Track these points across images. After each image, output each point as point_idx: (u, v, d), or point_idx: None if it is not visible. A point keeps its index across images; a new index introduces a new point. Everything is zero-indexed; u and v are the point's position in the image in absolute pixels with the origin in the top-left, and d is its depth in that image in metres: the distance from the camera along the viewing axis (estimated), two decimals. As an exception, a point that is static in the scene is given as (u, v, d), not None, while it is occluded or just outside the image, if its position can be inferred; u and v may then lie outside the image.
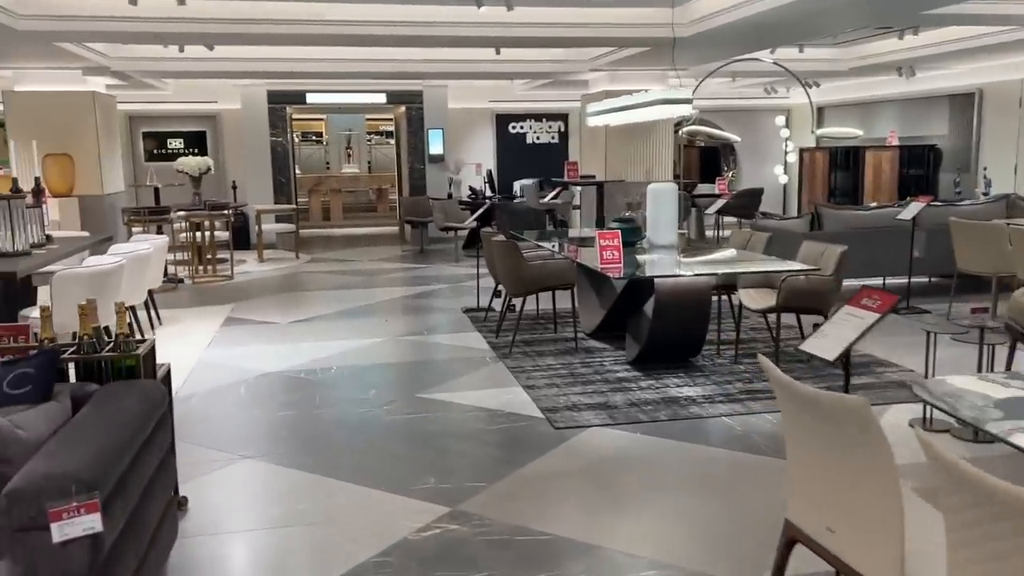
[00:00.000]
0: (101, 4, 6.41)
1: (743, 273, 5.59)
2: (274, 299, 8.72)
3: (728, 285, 5.89)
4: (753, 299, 5.35)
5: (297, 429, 4.58)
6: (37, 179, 6.62)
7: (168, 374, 3.33)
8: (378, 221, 17.08)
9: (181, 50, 8.57)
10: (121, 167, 10.45)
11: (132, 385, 2.73)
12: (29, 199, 6.43)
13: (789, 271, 5.09)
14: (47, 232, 6.60)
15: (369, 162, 19.26)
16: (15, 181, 6.69)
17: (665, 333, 5.33)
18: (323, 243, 13.88)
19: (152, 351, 3.11)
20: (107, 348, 2.90)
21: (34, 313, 5.24)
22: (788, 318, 5.58)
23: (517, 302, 6.53)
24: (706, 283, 5.37)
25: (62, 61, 8.43)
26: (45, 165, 8.98)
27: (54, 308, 5.12)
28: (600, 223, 9.54)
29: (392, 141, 18.82)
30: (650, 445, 4.21)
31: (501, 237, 6.36)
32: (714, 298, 5.68)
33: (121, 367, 2.88)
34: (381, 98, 13.27)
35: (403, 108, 13.59)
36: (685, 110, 6.01)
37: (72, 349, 2.88)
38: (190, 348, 6.38)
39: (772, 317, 5.55)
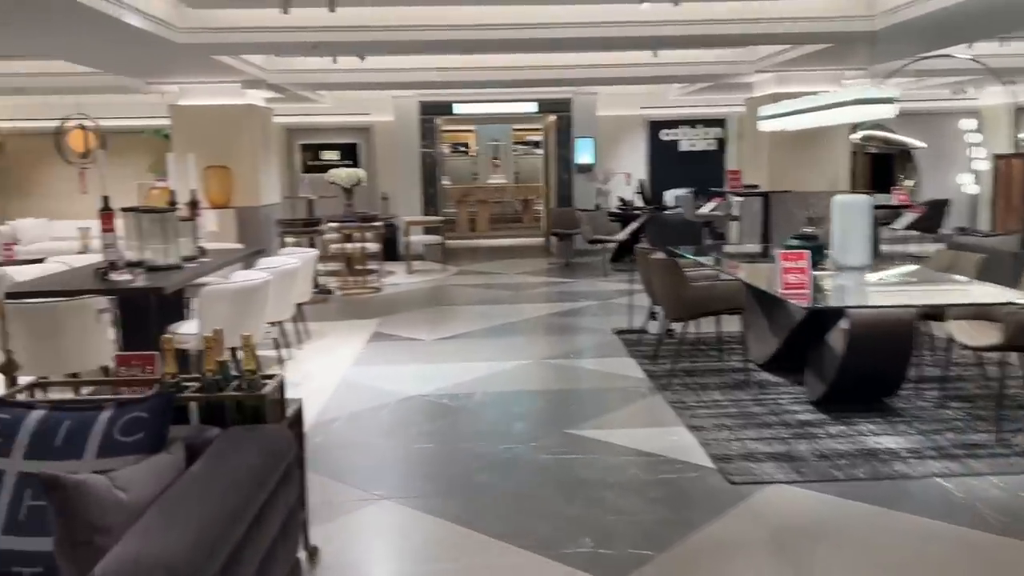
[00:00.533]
0: (255, 16, 6.37)
1: (962, 305, 4.72)
2: (420, 314, 8.50)
3: (932, 314, 5.04)
4: (969, 334, 4.49)
5: (437, 465, 4.19)
6: (193, 191, 6.66)
7: (299, 413, 3.00)
8: (524, 232, 16.80)
9: (334, 61, 8.53)
10: (277, 179, 10.63)
11: (255, 433, 2.39)
12: (184, 211, 6.49)
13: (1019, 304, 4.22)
14: (201, 244, 6.62)
15: (516, 173, 19.05)
16: (172, 193, 6.76)
17: (858, 370, 4.57)
18: (469, 254, 13.70)
19: (281, 387, 2.78)
20: (231, 387, 2.59)
21: (182, 328, 5.17)
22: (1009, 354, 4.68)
23: (677, 326, 5.92)
24: (909, 314, 4.56)
25: (222, 75, 8.59)
26: (205, 177, 9.20)
27: (202, 323, 5.04)
28: (765, 237, 8.73)
29: (539, 151, 18.54)
30: (850, 512, 3.50)
31: (660, 254, 5.78)
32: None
33: (246, 407, 2.56)
34: (531, 107, 12.94)
35: (552, 117, 13.21)
36: (886, 111, 5.20)
37: (194, 387, 2.59)
38: (335, 365, 6.19)
39: (990, 353, 4.67)
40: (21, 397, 2.67)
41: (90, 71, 8.75)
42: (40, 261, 10.85)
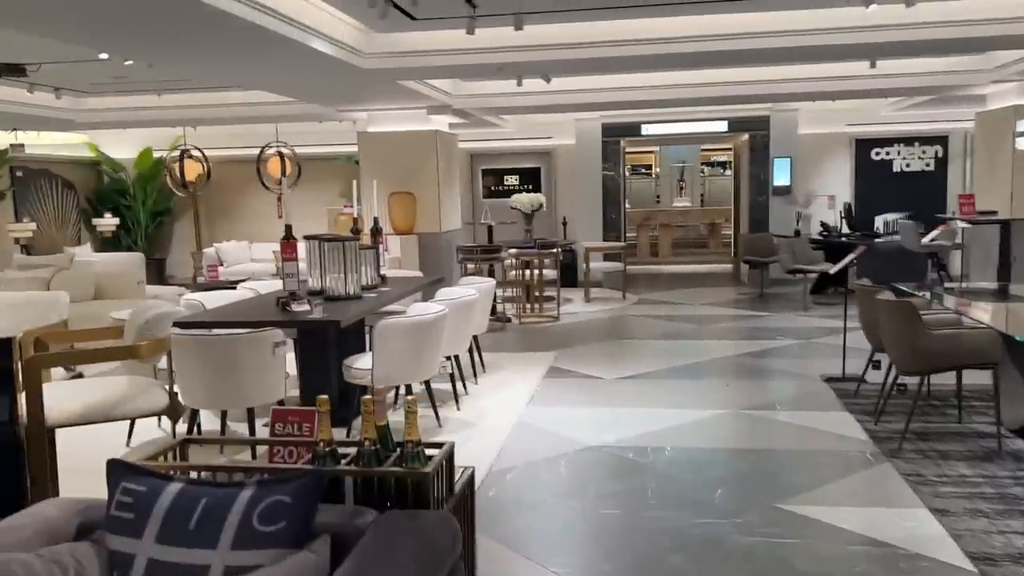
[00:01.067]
0: (440, 38, 6.18)
1: None
2: (599, 347, 7.99)
3: None
4: None
5: (623, 538, 3.65)
6: (376, 219, 6.58)
7: (471, 484, 2.58)
8: (710, 259, 15.89)
9: (519, 84, 8.27)
10: (459, 205, 10.54)
11: (415, 524, 1.98)
12: (366, 239, 6.40)
13: None
14: (382, 273, 6.50)
15: (702, 195, 18.16)
16: (355, 221, 6.68)
17: None
18: (650, 281, 13.05)
19: (449, 457, 2.37)
20: (391, 460, 2.20)
21: (357, 363, 4.97)
22: None
23: (910, 379, 5.03)
24: None
25: (408, 101, 8.57)
26: (390, 203, 9.23)
27: (376, 359, 4.82)
28: (1004, 272, 7.50)
29: (728, 172, 17.57)
30: None
31: (889, 294, 4.93)
32: None
33: (407, 485, 2.16)
34: (722, 126, 12.15)
35: (745, 136, 12.33)
36: None
37: (349, 458, 2.23)
38: (511, 403, 5.81)
39: None
40: (168, 458, 2.42)
41: (286, 100, 9.04)
42: (239, 283, 11.39)
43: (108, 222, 12.39)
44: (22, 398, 2.75)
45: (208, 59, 6.01)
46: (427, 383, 5.17)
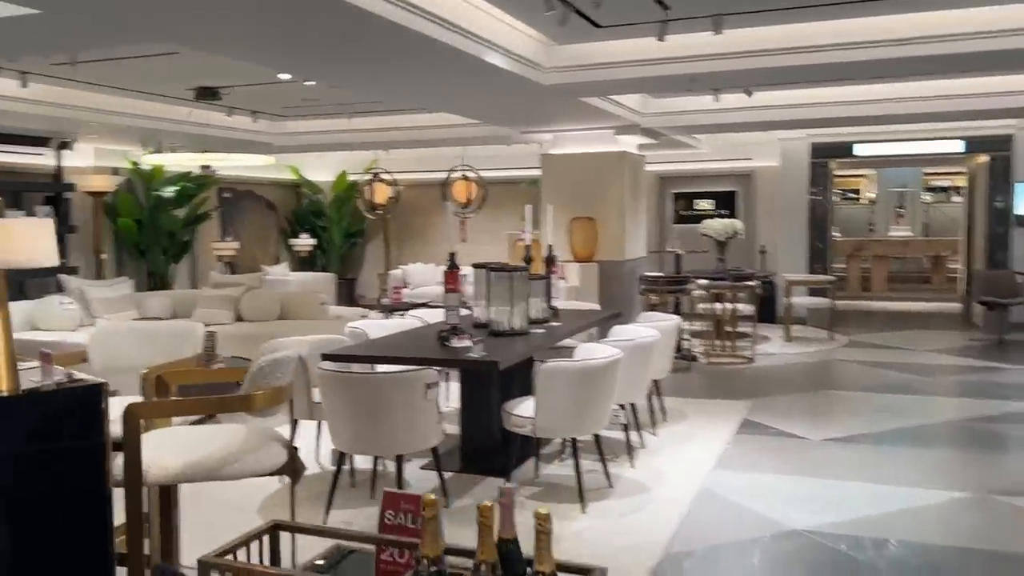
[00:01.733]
0: (627, 47, 5.58)
1: None
2: (801, 398, 6.97)
3: None
4: None
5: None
6: (550, 247, 6.06)
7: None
8: (933, 296, 14.05)
9: (715, 99, 7.49)
10: (644, 231, 9.84)
11: None
12: (538, 267, 5.89)
13: None
14: (554, 305, 5.96)
15: (924, 224, 16.21)
16: (527, 249, 6.19)
17: None
18: (861, 320, 11.62)
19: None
20: (514, 594, 1.60)
21: (518, 409, 4.42)
22: None
23: None
24: None
25: (594, 120, 8.03)
26: (571, 228, 8.72)
27: (538, 407, 4.25)
28: None
29: (955, 198, 15.55)
30: None
31: None
32: None
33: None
34: (957, 146, 10.60)
35: (984, 158, 10.68)
36: None
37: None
38: (694, 464, 5.03)
39: None
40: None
41: (472, 122, 8.81)
42: (421, 305, 11.32)
43: (304, 242, 12.83)
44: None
45: (383, 75, 5.78)
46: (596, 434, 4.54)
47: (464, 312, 5.08)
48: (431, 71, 5.46)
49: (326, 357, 4.36)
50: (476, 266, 5.26)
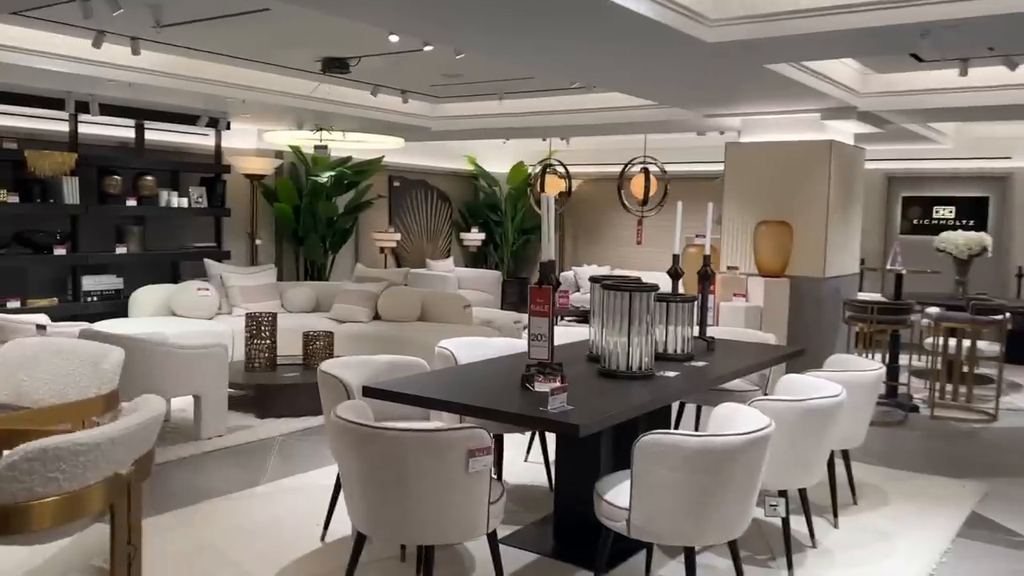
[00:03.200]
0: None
1: None
2: (1067, 486, 4.99)
3: None
4: None
5: None
6: (706, 258, 4.64)
7: None
8: None
9: (962, 73, 5.58)
10: (857, 242, 7.95)
11: None
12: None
13: None
14: (709, 335, 4.54)
15: None
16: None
17: None
18: None
19: None
20: None
21: (612, 492, 3.09)
22: None
23: None
24: None
25: (795, 100, 6.41)
26: (757, 235, 7.11)
27: (634, 498, 2.86)
28: None
29: None
30: None
31: None
32: None
33: None
34: None
35: None
36: None
37: None
38: (887, 585, 3.45)
39: None
40: None
41: (645, 104, 7.47)
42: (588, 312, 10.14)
43: (475, 236, 12.05)
44: None
45: (524, 34, 4.61)
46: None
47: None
48: (566, 28, 4.24)
49: (367, 392, 3.32)
50: (594, 280, 3.99)
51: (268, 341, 6.43)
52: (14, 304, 7.21)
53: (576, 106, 8.21)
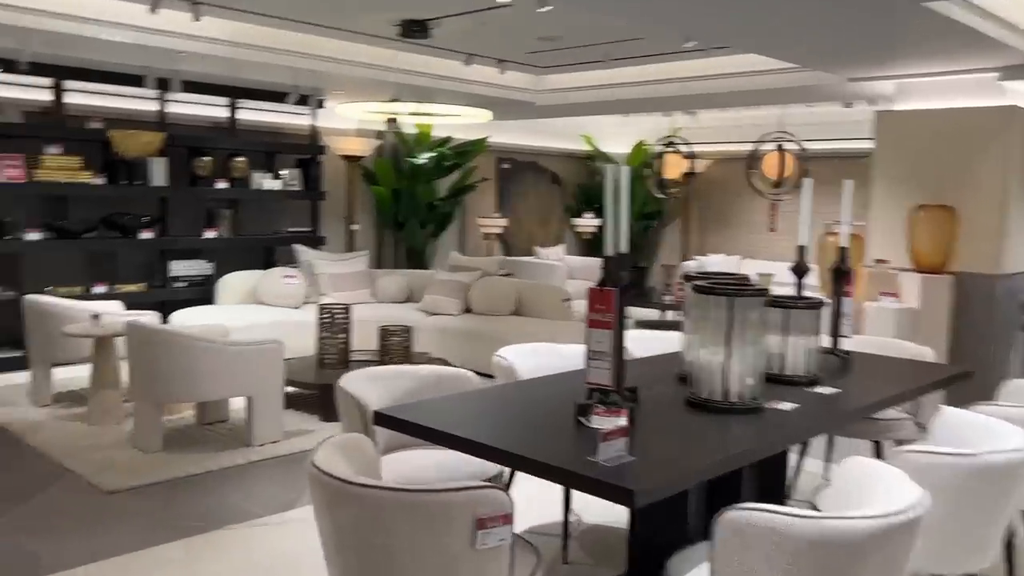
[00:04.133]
0: None
1: None
2: None
3: None
4: None
5: None
6: (842, 251, 3.62)
7: None
8: None
9: None
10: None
11: None
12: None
13: None
14: (842, 350, 3.54)
15: None
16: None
17: None
18: None
19: None
20: None
21: None
22: None
23: None
24: None
25: (961, 56, 5.19)
26: (912, 222, 5.90)
27: None
28: None
29: None
30: None
31: None
32: None
33: None
34: None
35: None
36: None
37: None
38: None
39: None
40: None
41: (781, 67, 6.41)
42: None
43: (588, 223, 11.19)
44: None
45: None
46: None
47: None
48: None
49: (378, 420, 2.60)
50: (689, 279, 3.10)
51: (341, 335, 5.87)
52: (101, 289, 7.04)
53: (698, 72, 7.20)
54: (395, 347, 5.84)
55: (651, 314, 10.20)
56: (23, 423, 5.11)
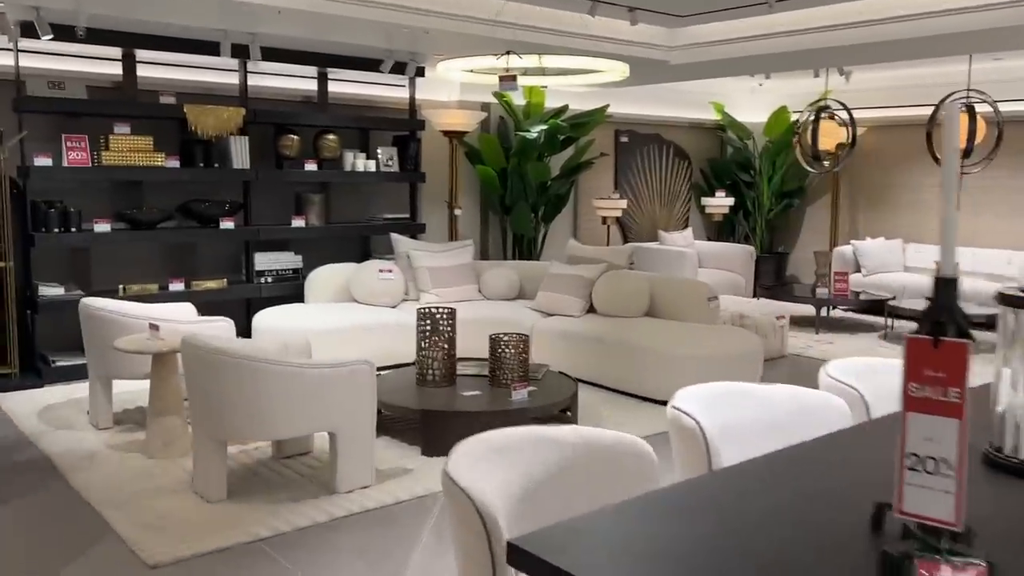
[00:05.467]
0: None
1: None
2: None
3: None
4: None
5: None
6: None
7: None
8: None
9: None
10: None
11: None
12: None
13: None
14: None
15: None
16: None
17: None
18: None
19: None
20: None
21: None
22: None
23: None
24: None
25: None
26: None
27: None
28: None
29: None
30: None
31: None
32: None
33: None
34: None
35: None
36: None
37: None
38: None
39: None
40: None
41: (978, 4, 4.95)
42: (883, 302, 7.63)
43: (719, 202, 9.80)
44: None
45: None
46: None
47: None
48: None
49: (511, 556, 1.47)
50: (1002, 300, 1.84)
51: (444, 347, 4.82)
52: (178, 286, 6.24)
53: (867, 14, 5.77)
54: (508, 361, 4.75)
55: (802, 311, 8.76)
56: (74, 455, 4.29)
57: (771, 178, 10.20)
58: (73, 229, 5.85)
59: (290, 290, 6.75)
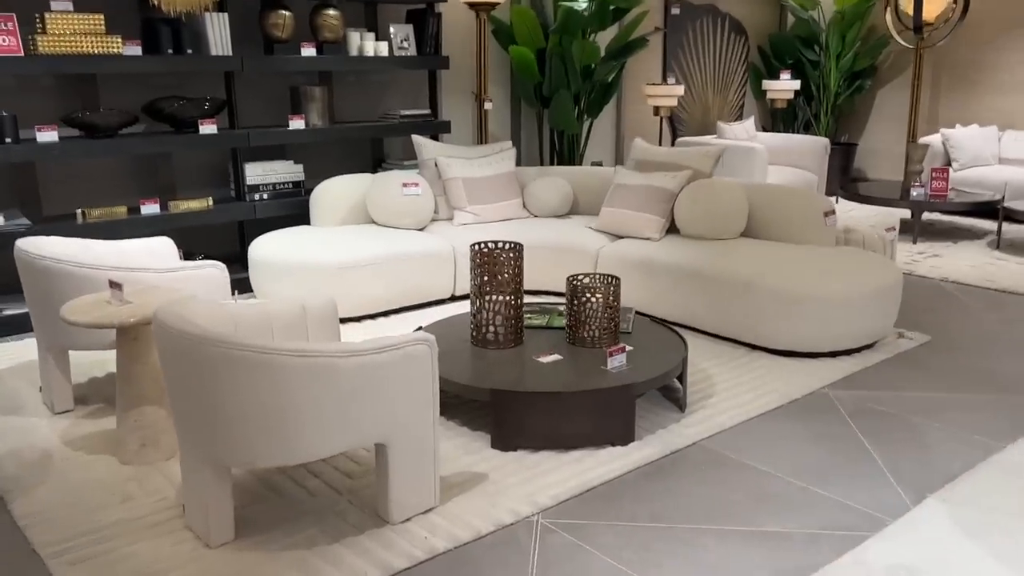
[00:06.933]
0: None
1: None
2: None
3: None
4: None
5: None
6: None
7: None
8: None
9: None
10: None
11: None
12: None
13: None
14: None
15: None
16: None
17: None
18: None
19: None
20: None
21: None
22: None
23: None
24: None
25: None
26: None
27: None
28: None
29: None
30: None
31: None
32: None
33: None
34: None
35: None
36: None
37: None
38: None
39: None
40: None
41: None
42: (989, 204, 6.44)
43: (784, 85, 8.39)
44: None
45: None
46: None
47: None
48: None
49: None
50: None
51: (508, 296, 3.60)
52: (152, 209, 4.95)
53: None
54: (594, 313, 3.55)
55: (893, 215, 7.56)
56: (18, 461, 3.13)
57: (840, 54, 8.75)
58: (8, 140, 4.50)
59: (291, 208, 5.48)
